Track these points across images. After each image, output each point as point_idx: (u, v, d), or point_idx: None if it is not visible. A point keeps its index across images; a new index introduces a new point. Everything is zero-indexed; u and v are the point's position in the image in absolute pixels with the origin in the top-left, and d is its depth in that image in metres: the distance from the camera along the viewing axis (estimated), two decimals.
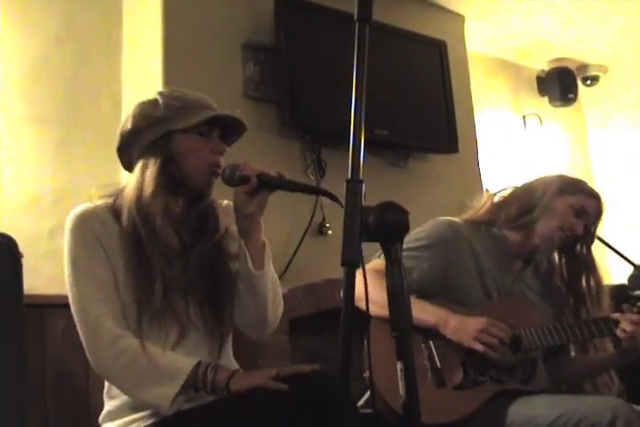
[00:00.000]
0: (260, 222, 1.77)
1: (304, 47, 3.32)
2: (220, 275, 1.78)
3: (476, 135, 4.14)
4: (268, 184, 1.72)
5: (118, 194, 1.78)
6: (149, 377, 1.60)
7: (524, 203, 2.28)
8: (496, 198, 2.38)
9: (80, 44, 3.15)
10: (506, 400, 2.02)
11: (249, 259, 1.74)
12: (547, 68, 5.40)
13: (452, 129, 3.77)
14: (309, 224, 3.18)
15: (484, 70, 5.03)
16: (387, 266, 1.11)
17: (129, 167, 1.83)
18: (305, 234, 3.17)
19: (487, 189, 4.45)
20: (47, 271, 2.82)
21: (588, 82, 5.56)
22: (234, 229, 1.80)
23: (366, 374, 2.05)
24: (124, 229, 1.71)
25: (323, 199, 3.22)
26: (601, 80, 5.59)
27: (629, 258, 2.59)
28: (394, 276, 1.10)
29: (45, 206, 2.92)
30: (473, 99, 4.22)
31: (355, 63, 1.13)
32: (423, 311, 2.10)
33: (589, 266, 2.32)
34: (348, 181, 1.09)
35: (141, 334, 1.65)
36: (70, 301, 1.68)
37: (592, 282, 2.31)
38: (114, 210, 1.74)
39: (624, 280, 4.18)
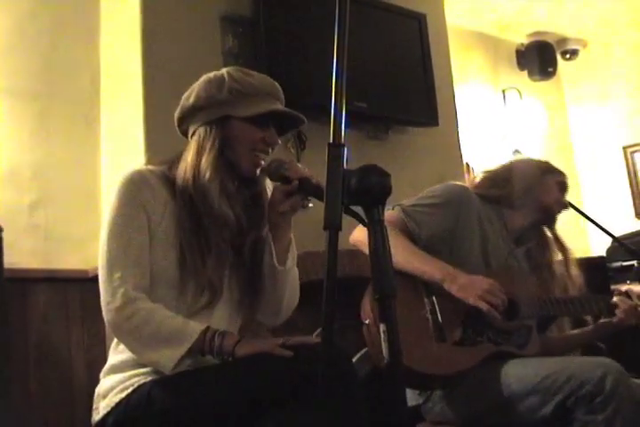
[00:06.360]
0: (291, 221, 1.83)
1: (283, 20, 3.29)
2: (259, 256, 1.83)
3: (455, 109, 4.13)
4: (305, 190, 1.75)
5: (173, 162, 1.81)
6: (158, 339, 1.63)
7: (520, 185, 2.39)
8: (477, 179, 2.48)
9: (56, 18, 3.11)
10: (500, 361, 2.09)
11: (274, 253, 1.79)
12: (526, 41, 5.40)
13: (431, 102, 3.76)
14: None
15: (464, 44, 5.03)
16: (369, 229, 1.11)
17: (185, 135, 1.87)
18: None
19: (467, 163, 4.50)
20: (28, 245, 2.81)
21: (568, 56, 5.57)
22: None
23: (367, 322, 2.08)
24: (177, 201, 1.74)
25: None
26: (580, 54, 5.61)
27: (608, 230, 2.61)
28: (376, 238, 1.10)
29: (24, 180, 2.90)
30: (452, 72, 4.21)
31: (336, 26, 1.12)
32: (431, 265, 2.14)
33: (557, 237, 2.45)
34: (329, 144, 1.09)
35: (173, 297, 1.71)
36: (99, 257, 1.71)
37: (562, 253, 2.44)
38: (165, 177, 1.78)
39: (603, 252, 4.24)
